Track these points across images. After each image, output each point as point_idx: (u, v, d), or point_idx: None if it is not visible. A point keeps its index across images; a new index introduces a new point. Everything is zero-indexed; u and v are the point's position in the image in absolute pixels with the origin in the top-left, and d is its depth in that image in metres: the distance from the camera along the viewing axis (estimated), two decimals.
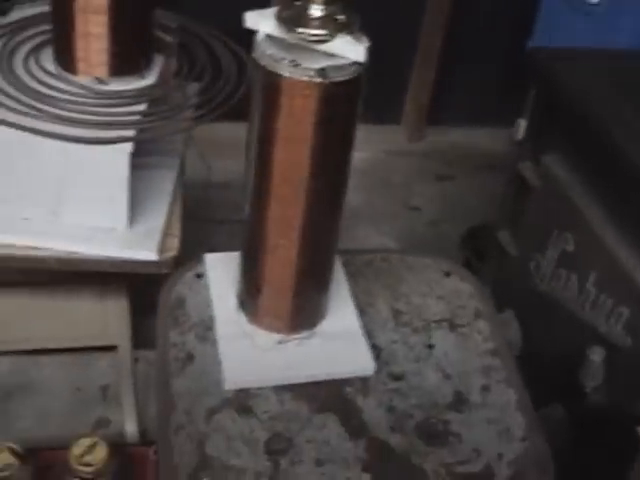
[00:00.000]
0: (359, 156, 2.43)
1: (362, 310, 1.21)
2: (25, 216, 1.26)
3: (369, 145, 2.59)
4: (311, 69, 0.91)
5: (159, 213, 1.32)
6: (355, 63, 0.93)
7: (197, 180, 1.59)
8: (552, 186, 1.65)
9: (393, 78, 2.59)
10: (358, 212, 2.38)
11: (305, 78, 0.92)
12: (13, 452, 1.62)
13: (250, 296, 1.14)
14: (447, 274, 1.29)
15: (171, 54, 1.38)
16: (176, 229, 1.30)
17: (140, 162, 1.24)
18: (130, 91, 1.29)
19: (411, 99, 2.65)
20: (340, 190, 1.04)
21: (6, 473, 1.60)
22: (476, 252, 2.27)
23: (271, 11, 0.95)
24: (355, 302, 1.20)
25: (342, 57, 0.93)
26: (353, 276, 1.24)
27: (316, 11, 0.93)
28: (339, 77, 0.92)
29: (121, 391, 1.90)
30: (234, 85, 1.29)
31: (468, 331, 1.22)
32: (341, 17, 0.94)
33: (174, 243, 1.27)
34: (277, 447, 1.05)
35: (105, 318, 1.74)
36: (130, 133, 1.21)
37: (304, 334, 1.15)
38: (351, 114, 0.97)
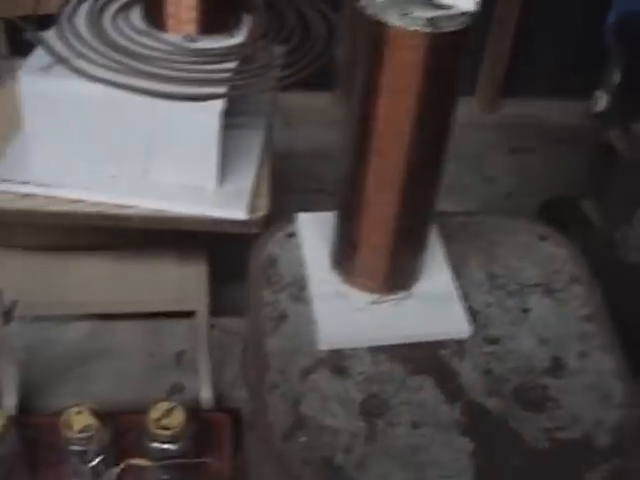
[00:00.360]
0: None
1: (456, 272, 1.18)
2: (113, 174, 1.25)
3: None
4: (420, 18, 0.89)
5: (248, 173, 1.30)
6: (464, 13, 0.90)
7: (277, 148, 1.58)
8: None
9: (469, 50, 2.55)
10: None
11: (414, 27, 0.89)
12: (94, 413, 1.63)
13: (345, 255, 1.13)
14: (542, 238, 1.26)
15: (259, 14, 1.36)
16: (265, 190, 1.29)
17: (228, 122, 1.22)
18: (220, 49, 1.28)
19: (486, 70, 2.61)
20: (443, 146, 1.02)
21: (87, 434, 1.62)
22: (553, 224, 2.23)
23: None
24: (449, 264, 1.18)
25: (451, 7, 0.90)
26: (447, 238, 1.22)
27: None
28: (449, 27, 0.90)
29: (197, 357, 1.91)
30: (323, 46, 1.27)
31: (564, 296, 1.19)
32: None
33: (263, 203, 1.26)
34: (372, 408, 1.03)
35: (184, 283, 1.74)
36: (221, 90, 1.20)
37: (399, 295, 1.13)
38: (458, 66, 0.95)
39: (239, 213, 1.23)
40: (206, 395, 1.88)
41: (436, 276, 1.16)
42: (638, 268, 1.61)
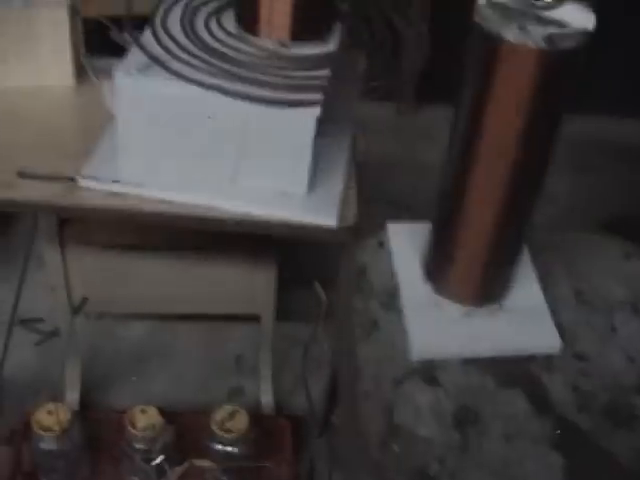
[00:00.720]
0: None
1: (544, 287, 1.19)
2: (204, 176, 1.28)
3: None
4: (537, 35, 0.90)
5: (337, 181, 1.32)
6: (581, 32, 0.91)
7: None
8: None
9: None
10: None
11: (531, 44, 0.91)
12: (158, 413, 1.65)
13: (439, 265, 1.14)
14: (628, 256, 1.27)
15: (349, 22, 1.38)
16: (353, 198, 1.30)
17: (318, 129, 1.24)
18: (313, 56, 1.29)
19: None
20: (545, 163, 1.03)
21: (151, 433, 1.64)
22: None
23: None
24: (538, 278, 1.19)
25: (568, 24, 0.91)
26: (534, 252, 1.23)
27: None
28: (565, 45, 0.91)
29: (258, 361, 1.93)
30: (413, 59, 1.29)
31: None
32: None
33: (352, 212, 1.28)
34: (465, 419, 1.05)
35: (252, 287, 1.76)
36: (317, 97, 1.22)
37: (491, 307, 1.14)
38: (571, 85, 0.96)
39: (330, 220, 1.24)
40: (267, 400, 1.90)
41: (526, 290, 1.17)
42: None
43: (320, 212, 1.25)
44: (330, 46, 1.33)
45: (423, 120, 2.46)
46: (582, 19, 0.91)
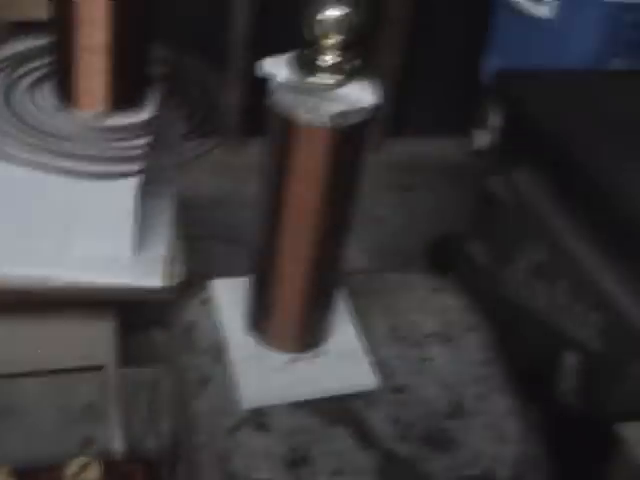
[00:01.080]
0: None
1: (361, 327, 1.31)
2: (34, 248, 1.33)
3: None
4: (325, 115, 1.01)
5: (161, 241, 1.40)
6: (367, 108, 1.03)
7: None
8: (522, 200, 1.77)
9: None
10: None
11: (320, 124, 1.02)
12: (10, 473, 1.69)
13: (260, 319, 1.24)
14: (436, 290, 1.40)
15: (164, 85, 1.47)
16: (178, 256, 1.39)
17: (140, 193, 1.32)
18: (131, 125, 1.37)
19: None
20: (347, 221, 1.15)
21: None
22: (440, 266, 2.40)
23: (285, 58, 1.06)
24: (355, 320, 1.30)
25: (355, 102, 1.03)
26: (352, 295, 1.35)
27: (329, 58, 1.03)
28: (352, 121, 1.03)
29: (107, 410, 1.97)
30: (225, 113, 1.38)
31: (461, 343, 1.33)
32: (355, 62, 1.04)
33: (179, 268, 1.36)
34: (296, 460, 1.15)
35: (91, 339, 1.81)
36: (135, 167, 1.30)
37: (311, 353, 1.25)
38: (361, 152, 1.07)
39: (155, 281, 1.33)
40: (118, 446, 1.95)
41: (344, 333, 1.28)
42: (521, 307, 1.77)
43: (145, 274, 1.33)
44: (147, 112, 1.41)
45: (251, 155, 2.57)
46: (368, 96, 1.02)
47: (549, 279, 1.72)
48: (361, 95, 1.02)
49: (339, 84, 1.01)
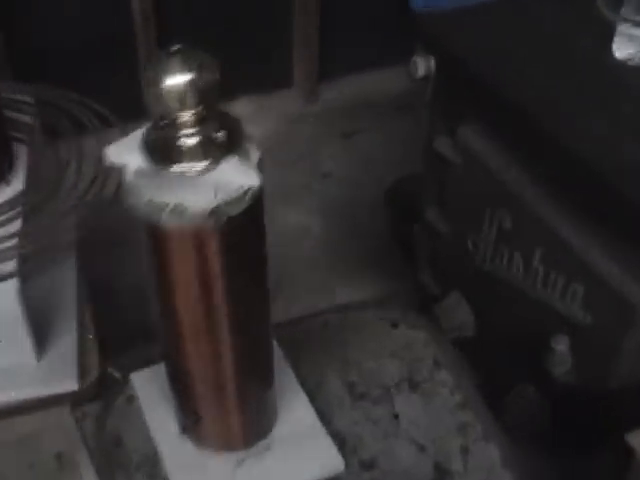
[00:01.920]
0: (256, 130, 2.28)
1: (313, 391, 1.08)
2: None
3: (264, 115, 2.42)
4: (199, 211, 0.76)
5: (69, 332, 1.16)
6: (248, 193, 0.77)
7: None
8: (474, 161, 1.52)
9: (275, 40, 2.41)
10: (270, 192, 2.21)
11: (194, 224, 0.76)
12: None
13: (191, 421, 1.01)
14: (394, 325, 1.16)
15: (36, 139, 1.19)
16: (91, 343, 1.14)
17: (28, 285, 1.07)
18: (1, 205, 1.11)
19: (298, 58, 2.47)
20: (263, 310, 0.90)
21: None
22: (403, 210, 2.15)
23: (134, 140, 0.79)
24: (303, 387, 1.07)
25: (232, 186, 0.77)
26: (294, 352, 1.11)
27: (189, 136, 0.76)
28: (235, 210, 0.77)
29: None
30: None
31: (431, 387, 1.10)
32: (220, 135, 0.78)
33: (93, 361, 1.12)
34: None
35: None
36: (12, 265, 1.04)
37: (261, 446, 1.02)
38: (257, 234, 0.82)
39: (70, 384, 1.09)
40: None
41: (293, 409, 1.05)
42: (496, 276, 1.54)
43: (56, 378, 1.09)
44: (16, 184, 1.14)
45: None
46: (246, 175, 0.77)
47: (520, 247, 1.48)
48: (237, 176, 0.76)
49: (207, 168, 0.75)
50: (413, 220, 2.09)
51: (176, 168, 0.76)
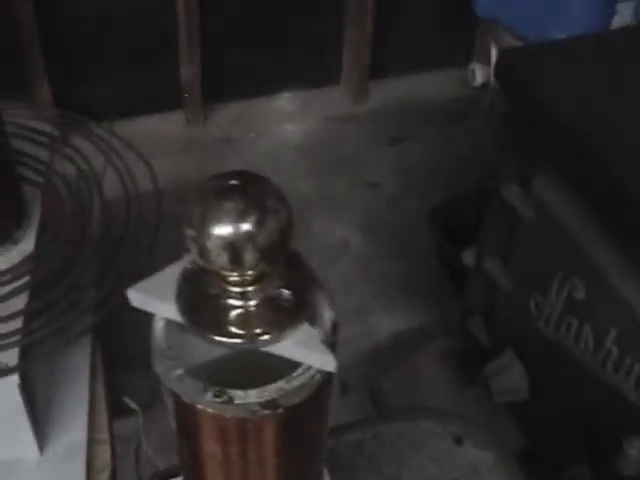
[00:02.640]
0: (298, 128, 2.05)
1: None
2: None
3: (308, 113, 2.18)
4: (252, 402, 0.54)
5: (77, 416, 0.95)
6: (318, 373, 0.55)
7: None
8: (549, 218, 1.28)
9: (327, 33, 2.16)
10: (309, 200, 2.00)
11: (244, 414, 0.54)
12: None
13: None
14: (458, 440, 0.95)
15: (52, 180, 0.97)
16: (104, 430, 0.94)
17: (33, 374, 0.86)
18: (4, 274, 0.89)
19: (349, 54, 2.21)
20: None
21: None
22: (448, 232, 1.92)
23: (167, 281, 0.57)
24: None
25: (298, 369, 0.55)
26: (341, 471, 0.89)
27: (241, 298, 0.54)
28: (297, 398, 0.55)
29: None
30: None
31: None
32: (285, 296, 0.55)
33: (105, 454, 0.91)
34: None
35: None
36: (13, 359, 0.83)
37: None
38: (320, 418, 0.60)
39: None
40: None
41: None
42: (560, 346, 1.32)
43: (60, 477, 0.88)
44: (26, 245, 0.92)
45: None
46: (319, 358, 0.54)
47: (592, 321, 1.25)
48: (305, 354, 0.53)
49: (264, 341, 0.53)
50: (460, 246, 1.86)
51: (221, 337, 0.54)
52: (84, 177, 1.02)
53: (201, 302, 0.56)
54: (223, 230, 0.51)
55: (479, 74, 2.06)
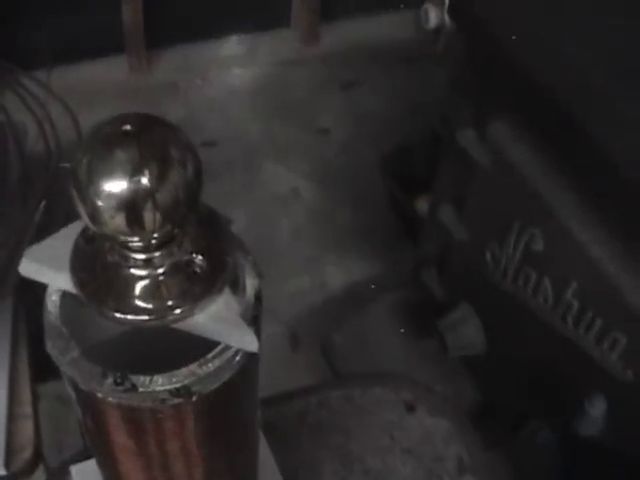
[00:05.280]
0: (247, 73, 1.93)
1: None
2: None
3: (257, 57, 2.06)
4: (160, 389, 0.44)
5: None
6: (236, 363, 0.45)
7: None
8: (506, 165, 1.19)
9: None
10: (259, 146, 1.89)
11: (151, 404, 0.44)
12: None
13: None
14: (410, 408, 0.86)
15: None
16: (27, 404, 0.84)
17: None
18: None
19: None
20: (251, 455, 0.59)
21: None
22: (402, 180, 1.83)
23: (62, 246, 0.47)
24: None
25: (213, 344, 0.45)
26: (283, 444, 0.80)
27: (144, 266, 0.44)
28: (213, 384, 0.45)
29: None
30: None
31: None
32: (197, 262, 0.45)
33: (28, 430, 0.82)
34: None
35: None
36: None
37: None
38: (245, 402, 0.51)
39: None
40: None
41: None
42: (518, 299, 1.24)
43: None
44: None
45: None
46: (240, 338, 0.45)
47: (551, 273, 1.18)
48: (221, 330, 0.44)
49: (172, 318, 0.43)
50: (414, 194, 1.78)
51: (122, 314, 0.44)
52: (2, 128, 0.91)
53: (99, 271, 0.46)
54: (115, 186, 0.41)
55: (432, 15, 1.93)
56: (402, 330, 1.52)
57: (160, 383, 0.45)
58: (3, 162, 0.93)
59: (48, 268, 0.47)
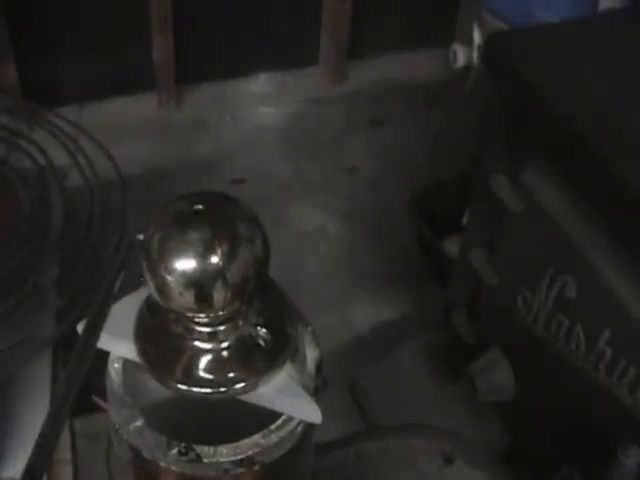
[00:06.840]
0: (275, 111, 1.95)
1: None
2: None
3: (286, 95, 2.08)
4: (224, 460, 0.45)
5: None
6: (298, 425, 0.46)
7: None
8: (539, 211, 1.20)
9: (305, 12, 2.06)
10: (287, 185, 1.91)
11: (214, 473, 0.46)
12: None
13: None
14: (448, 460, 0.86)
15: (3, 190, 0.88)
16: (66, 449, 0.85)
17: None
18: None
19: (328, 34, 2.11)
20: None
21: None
22: (431, 219, 1.84)
23: (125, 320, 0.48)
24: None
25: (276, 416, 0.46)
26: None
27: (209, 340, 0.46)
28: (275, 453, 0.46)
29: None
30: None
31: None
32: (261, 335, 0.47)
33: (67, 476, 0.83)
34: None
35: None
36: None
37: None
38: (301, 471, 0.52)
39: None
40: None
41: None
42: (549, 346, 1.24)
43: None
44: None
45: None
46: (301, 408, 0.46)
47: (583, 321, 1.18)
48: (285, 403, 0.45)
49: (237, 390, 0.44)
50: (442, 233, 1.78)
51: (187, 386, 0.45)
52: (43, 173, 0.93)
53: (162, 341, 0.47)
54: (186, 264, 0.42)
55: (461, 55, 1.96)
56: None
57: (224, 454, 0.46)
58: (47, 206, 0.95)
59: (110, 336, 0.49)
